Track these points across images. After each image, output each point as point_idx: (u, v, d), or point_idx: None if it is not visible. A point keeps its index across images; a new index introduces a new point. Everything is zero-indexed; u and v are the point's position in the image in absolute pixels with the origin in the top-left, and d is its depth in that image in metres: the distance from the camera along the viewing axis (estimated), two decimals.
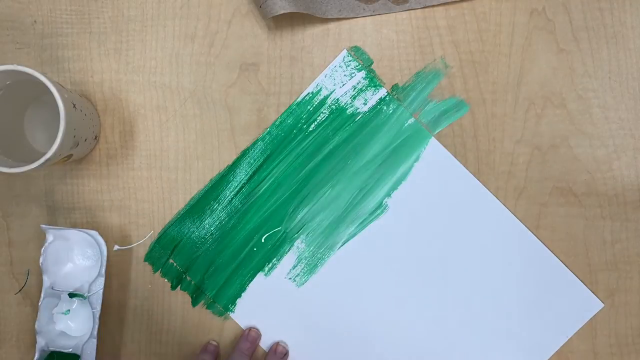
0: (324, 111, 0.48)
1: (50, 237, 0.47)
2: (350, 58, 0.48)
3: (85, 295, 0.46)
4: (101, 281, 0.47)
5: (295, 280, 0.49)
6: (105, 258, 0.47)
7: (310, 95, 0.48)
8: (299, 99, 0.48)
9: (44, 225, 0.47)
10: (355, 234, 0.49)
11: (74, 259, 0.48)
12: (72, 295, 0.46)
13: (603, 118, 0.48)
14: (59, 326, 0.47)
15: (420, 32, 0.48)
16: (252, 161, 0.48)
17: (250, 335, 0.48)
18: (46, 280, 0.47)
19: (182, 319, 0.49)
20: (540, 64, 0.48)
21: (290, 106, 0.48)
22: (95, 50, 0.48)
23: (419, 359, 0.49)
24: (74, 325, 0.47)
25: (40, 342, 0.46)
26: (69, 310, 0.47)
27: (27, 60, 0.48)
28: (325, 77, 0.48)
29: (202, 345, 0.49)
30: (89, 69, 0.48)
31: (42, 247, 0.46)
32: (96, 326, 0.46)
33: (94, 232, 0.46)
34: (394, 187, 0.48)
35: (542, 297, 0.48)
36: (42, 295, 0.47)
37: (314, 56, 0.48)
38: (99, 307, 0.47)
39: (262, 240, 0.49)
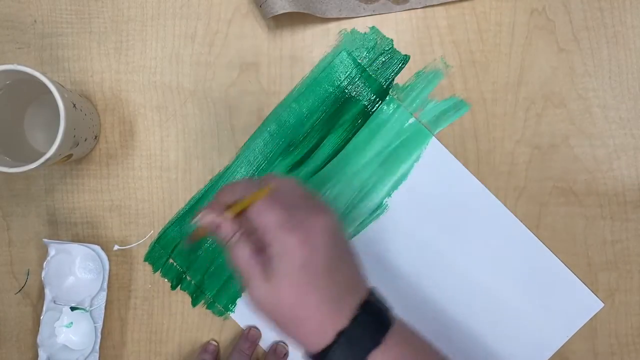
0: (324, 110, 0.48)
1: (52, 251, 0.47)
2: (350, 58, 0.48)
3: (87, 309, 0.46)
4: (103, 295, 0.47)
5: None
6: (107, 272, 0.47)
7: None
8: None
9: (46, 240, 0.47)
10: (355, 234, 0.49)
11: (76, 273, 0.48)
12: (73, 308, 0.46)
13: (603, 118, 0.48)
14: (60, 339, 0.47)
15: (421, 31, 0.48)
16: (252, 161, 0.48)
17: (250, 335, 0.48)
18: (48, 294, 0.47)
19: (182, 319, 0.49)
20: (540, 64, 0.48)
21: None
22: (95, 50, 0.48)
23: None
24: (76, 338, 0.47)
25: (42, 355, 0.46)
26: (71, 322, 0.47)
27: (27, 60, 0.48)
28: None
29: (202, 345, 0.49)
30: (89, 68, 0.48)
31: (44, 260, 0.47)
32: (98, 340, 0.46)
33: (96, 247, 0.46)
34: (394, 187, 0.48)
35: (543, 296, 0.48)
36: (44, 308, 0.47)
37: (315, 56, 0.48)
38: (100, 322, 0.47)
39: None
